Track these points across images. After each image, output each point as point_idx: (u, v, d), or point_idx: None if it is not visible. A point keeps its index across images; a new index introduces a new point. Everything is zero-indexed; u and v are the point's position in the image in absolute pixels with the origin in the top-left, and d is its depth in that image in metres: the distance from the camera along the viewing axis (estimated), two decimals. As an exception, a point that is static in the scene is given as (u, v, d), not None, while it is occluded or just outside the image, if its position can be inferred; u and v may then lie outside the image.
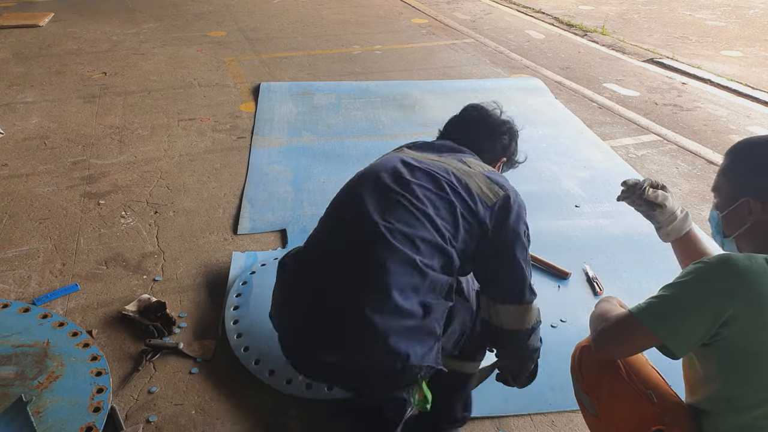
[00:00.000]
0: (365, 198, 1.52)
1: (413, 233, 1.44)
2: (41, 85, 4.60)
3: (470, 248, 1.53)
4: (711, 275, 1.19)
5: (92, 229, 2.81)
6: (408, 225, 1.45)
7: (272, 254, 2.64)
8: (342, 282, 1.44)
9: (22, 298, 2.34)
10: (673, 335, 1.21)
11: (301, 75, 4.98)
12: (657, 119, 4.30)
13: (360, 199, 1.53)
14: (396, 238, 1.42)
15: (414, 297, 1.40)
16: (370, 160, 3.47)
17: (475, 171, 1.61)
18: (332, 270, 1.48)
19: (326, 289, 1.46)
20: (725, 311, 1.15)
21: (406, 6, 7.64)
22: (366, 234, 1.45)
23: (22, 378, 1.90)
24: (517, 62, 5.53)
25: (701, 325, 1.18)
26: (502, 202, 1.55)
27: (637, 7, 8.03)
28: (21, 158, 3.46)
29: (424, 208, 1.48)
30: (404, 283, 1.39)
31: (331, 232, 1.58)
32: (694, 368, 1.30)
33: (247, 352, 2.08)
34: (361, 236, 1.46)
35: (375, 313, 1.35)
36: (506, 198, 1.56)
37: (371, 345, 1.36)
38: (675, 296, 1.23)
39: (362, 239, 1.45)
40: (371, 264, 1.41)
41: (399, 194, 1.50)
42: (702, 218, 3.04)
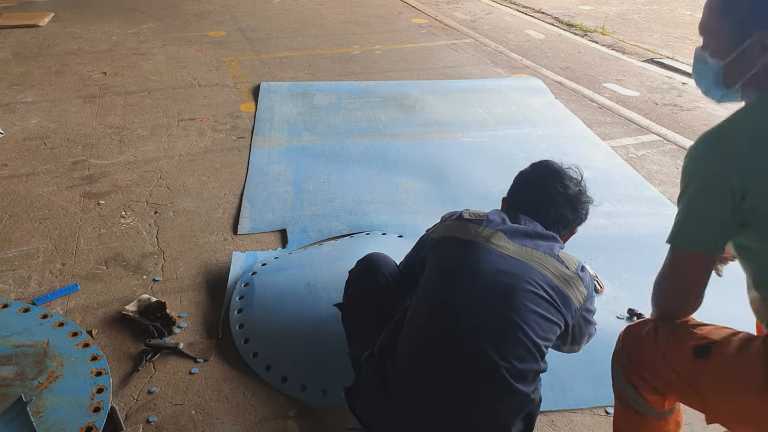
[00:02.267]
0: (477, 325, 1.46)
1: (527, 369, 1.46)
2: (41, 85, 4.60)
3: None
4: (699, 165, 1.20)
5: (92, 229, 2.81)
6: (524, 361, 1.45)
7: (272, 254, 2.64)
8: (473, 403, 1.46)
9: (22, 298, 2.34)
10: (707, 239, 1.19)
11: (301, 75, 4.98)
12: (657, 119, 4.30)
13: (472, 326, 1.47)
14: (514, 377, 1.44)
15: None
16: (369, 159, 3.52)
17: (572, 275, 1.56)
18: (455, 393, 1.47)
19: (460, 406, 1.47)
20: (732, 184, 1.14)
21: (406, 6, 7.64)
22: (486, 372, 1.44)
23: (22, 378, 1.90)
24: (517, 62, 5.53)
25: (725, 211, 1.16)
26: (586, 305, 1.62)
27: (637, 7, 8.03)
28: (21, 158, 3.46)
29: (536, 340, 1.46)
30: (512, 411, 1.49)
31: (439, 352, 1.49)
32: (750, 257, 1.26)
33: (257, 358, 2.07)
34: (479, 374, 1.45)
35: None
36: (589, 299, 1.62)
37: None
38: (686, 206, 1.22)
39: (481, 378, 1.45)
40: (495, 406, 1.46)
41: (515, 325, 1.45)
42: (702, 218, 3.04)
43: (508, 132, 3.95)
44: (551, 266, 1.55)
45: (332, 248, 2.62)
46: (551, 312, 1.50)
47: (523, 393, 1.46)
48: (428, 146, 3.71)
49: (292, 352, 2.06)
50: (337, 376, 1.94)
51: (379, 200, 3.09)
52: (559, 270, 1.55)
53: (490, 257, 1.53)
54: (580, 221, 1.77)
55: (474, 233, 1.60)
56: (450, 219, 1.74)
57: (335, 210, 2.99)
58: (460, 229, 1.64)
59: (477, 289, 1.50)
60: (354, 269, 1.97)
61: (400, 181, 3.29)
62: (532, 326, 1.46)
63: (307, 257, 2.55)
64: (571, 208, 1.72)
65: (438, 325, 1.51)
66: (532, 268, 1.52)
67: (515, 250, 1.56)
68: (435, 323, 1.52)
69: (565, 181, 1.72)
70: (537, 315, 1.47)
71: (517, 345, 1.45)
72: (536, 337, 1.46)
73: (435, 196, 3.16)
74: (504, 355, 1.43)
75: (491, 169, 3.43)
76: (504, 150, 3.68)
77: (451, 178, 3.33)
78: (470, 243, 1.58)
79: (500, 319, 1.46)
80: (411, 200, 3.11)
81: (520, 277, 1.50)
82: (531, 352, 1.46)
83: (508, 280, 1.49)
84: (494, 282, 1.50)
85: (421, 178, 3.33)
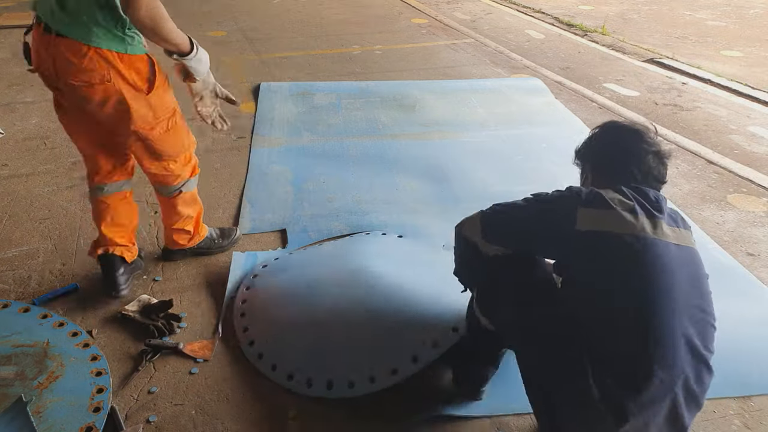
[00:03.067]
0: (685, 325, 1.44)
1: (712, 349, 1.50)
2: (41, 85, 4.57)
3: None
4: None
5: (92, 229, 2.80)
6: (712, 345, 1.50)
7: (272, 254, 2.64)
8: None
9: (22, 298, 2.34)
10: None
11: (301, 75, 4.98)
12: (657, 119, 4.30)
13: (680, 326, 1.43)
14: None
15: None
16: (369, 160, 3.52)
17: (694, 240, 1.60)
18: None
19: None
20: None
21: (406, 6, 7.64)
22: (700, 358, 1.45)
23: (22, 378, 1.90)
24: (517, 62, 5.53)
25: None
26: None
27: (637, 7, 8.03)
28: (21, 158, 3.46)
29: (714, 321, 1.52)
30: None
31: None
32: None
33: (262, 359, 2.07)
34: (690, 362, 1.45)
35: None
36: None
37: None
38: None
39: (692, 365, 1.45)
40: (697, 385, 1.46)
41: (708, 315, 1.50)
42: (702, 218, 3.04)
43: (508, 132, 3.95)
44: (693, 239, 1.57)
45: (332, 248, 2.62)
46: (709, 294, 1.54)
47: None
48: (428, 146, 3.71)
49: (296, 351, 2.06)
50: (341, 369, 1.96)
51: (379, 200, 3.09)
52: (695, 243, 1.57)
53: (670, 253, 1.46)
54: (666, 181, 1.70)
55: (637, 227, 1.45)
56: (590, 204, 1.50)
57: (335, 210, 2.99)
58: (618, 222, 1.46)
59: (676, 298, 1.43)
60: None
61: (400, 181, 3.29)
62: (713, 312, 1.52)
63: (308, 258, 2.55)
64: (664, 165, 1.66)
65: (654, 346, 1.40)
66: (694, 250, 1.53)
67: (674, 236, 1.49)
68: (648, 342, 1.40)
69: (649, 138, 1.66)
70: (711, 296, 1.53)
71: (712, 335, 1.49)
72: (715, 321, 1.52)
73: (435, 196, 3.16)
74: (708, 346, 1.47)
75: (491, 169, 3.43)
76: (504, 150, 3.68)
77: (451, 178, 3.33)
78: (644, 240, 1.44)
79: (704, 314, 1.48)
80: (411, 200, 3.11)
81: (698, 264, 1.53)
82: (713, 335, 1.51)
83: (695, 271, 1.51)
84: (687, 278, 1.48)
85: (421, 178, 3.33)
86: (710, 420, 1.90)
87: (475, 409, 1.89)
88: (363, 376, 1.92)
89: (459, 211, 3.01)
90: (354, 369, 1.95)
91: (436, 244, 2.71)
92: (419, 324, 2.02)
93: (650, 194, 1.54)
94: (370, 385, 1.90)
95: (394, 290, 2.18)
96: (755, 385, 2.02)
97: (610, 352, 1.42)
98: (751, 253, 2.78)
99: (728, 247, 2.80)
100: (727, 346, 2.14)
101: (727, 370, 2.04)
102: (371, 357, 1.96)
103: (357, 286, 2.23)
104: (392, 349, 1.97)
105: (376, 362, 1.95)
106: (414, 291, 2.18)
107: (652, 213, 1.49)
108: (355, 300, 2.16)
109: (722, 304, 2.35)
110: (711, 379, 1.47)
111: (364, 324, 2.06)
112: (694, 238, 1.57)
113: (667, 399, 1.40)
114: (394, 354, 1.95)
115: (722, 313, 2.30)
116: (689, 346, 1.41)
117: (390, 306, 2.11)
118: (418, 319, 2.04)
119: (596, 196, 1.51)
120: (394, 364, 1.92)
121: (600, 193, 1.52)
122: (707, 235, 2.88)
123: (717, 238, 2.87)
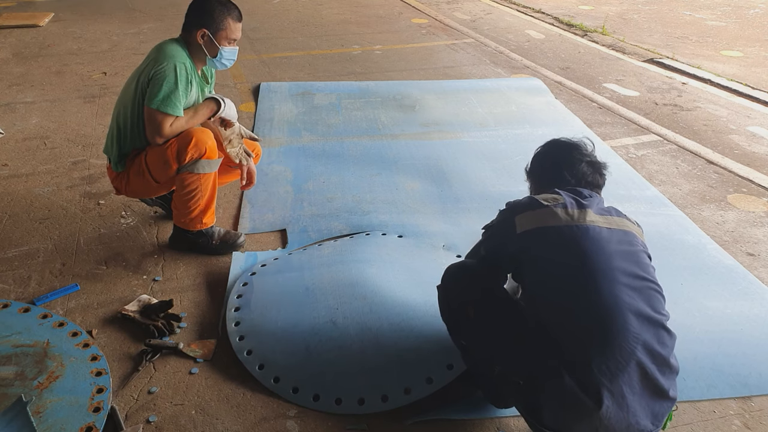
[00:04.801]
0: (628, 293, 1.55)
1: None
2: (41, 85, 4.60)
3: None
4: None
5: (92, 228, 2.81)
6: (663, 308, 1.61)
7: (272, 254, 2.64)
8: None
9: (22, 298, 2.34)
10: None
11: (301, 75, 4.98)
12: (657, 119, 4.30)
13: (628, 302, 1.54)
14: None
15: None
16: (369, 160, 3.52)
17: (638, 228, 1.76)
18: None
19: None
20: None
21: (406, 6, 7.64)
22: (654, 322, 1.55)
23: (22, 378, 1.90)
24: (517, 62, 5.53)
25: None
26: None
27: (637, 7, 8.03)
28: (21, 158, 3.46)
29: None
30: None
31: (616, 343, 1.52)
32: None
33: (251, 356, 2.06)
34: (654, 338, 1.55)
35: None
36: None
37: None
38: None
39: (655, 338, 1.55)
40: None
41: (650, 282, 1.61)
42: (702, 218, 3.04)
43: (507, 132, 3.95)
44: (633, 227, 1.70)
45: (332, 250, 2.61)
46: (648, 261, 1.67)
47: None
48: (428, 146, 3.71)
49: (287, 355, 2.05)
50: (331, 383, 1.95)
51: (379, 200, 3.09)
52: (637, 228, 1.72)
53: (602, 234, 1.61)
54: (603, 186, 1.88)
55: (569, 217, 1.63)
56: (526, 209, 1.70)
57: (335, 210, 2.99)
58: (551, 216, 1.64)
59: (612, 270, 1.56)
60: (450, 289, 1.85)
61: (400, 181, 3.29)
62: (655, 279, 1.64)
63: (307, 260, 2.54)
64: (600, 173, 1.85)
65: (603, 317, 1.52)
66: (628, 231, 1.66)
67: (604, 221, 1.65)
68: (597, 315, 1.52)
69: (584, 150, 1.87)
70: (653, 269, 1.66)
71: (659, 300, 1.60)
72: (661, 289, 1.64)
73: (435, 196, 3.15)
74: (659, 311, 1.57)
75: (491, 169, 3.43)
76: (504, 150, 3.68)
77: (451, 178, 3.33)
78: (576, 228, 1.61)
79: (643, 281, 1.58)
80: (411, 200, 3.11)
81: (632, 242, 1.64)
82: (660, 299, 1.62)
83: (628, 248, 1.62)
84: (620, 253, 1.60)
85: (421, 178, 3.33)
86: (710, 420, 1.90)
87: (475, 410, 1.89)
88: (352, 397, 1.91)
89: (459, 211, 3.05)
90: (342, 388, 1.93)
91: (435, 244, 2.71)
92: (412, 357, 2.00)
93: (584, 192, 1.73)
94: (358, 407, 1.89)
95: (393, 309, 2.17)
96: (755, 385, 2.02)
97: (569, 334, 1.54)
98: (751, 253, 2.77)
99: (728, 247, 2.80)
100: (727, 346, 2.16)
101: (727, 370, 2.05)
102: (362, 380, 1.95)
103: (354, 299, 2.22)
104: (383, 376, 1.96)
105: (365, 386, 1.93)
106: (413, 312, 2.16)
107: (581, 204, 1.67)
108: (351, 316, 2.15)
109: (722, 304, 2.38)
110: (674, 341, 1.57)
111: (358, 346, 2.04)
112: (631, 224, 1.72)
113: (631, 363, 1.48)
114: (385, 381, 1.94)
115: (722, 313, 2.32)
116: (637, 313, 1.52)
117: (386, 329, 2.09)
118: (412, 352, 2.02)
119: (531, 201, 1.72)
120: (385, 391, 1.92)
121: (534, 197, 1.73)
122: (707, 235, 2.88)
123: (717, 238, 2.87)
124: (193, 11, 2.42)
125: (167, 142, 2.35)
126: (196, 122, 2.44)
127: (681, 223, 2.95)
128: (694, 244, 2.78)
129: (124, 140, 2.45)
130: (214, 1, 2.41)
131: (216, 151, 2.42)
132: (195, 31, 2.40)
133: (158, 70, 2.29)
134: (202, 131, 2.38)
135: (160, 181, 2.45)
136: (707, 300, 2.41)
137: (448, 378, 1.93)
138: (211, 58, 2.45)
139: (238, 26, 2.45)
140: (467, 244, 1.98)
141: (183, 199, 2.47)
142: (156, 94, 2.27)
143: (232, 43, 2.46)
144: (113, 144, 2.48)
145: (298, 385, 1.95)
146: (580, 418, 1.49)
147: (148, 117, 2.31)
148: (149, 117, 2.31)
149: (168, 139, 2.34)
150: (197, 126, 2.44)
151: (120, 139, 2.45)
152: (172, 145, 2.35)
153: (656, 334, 1.53)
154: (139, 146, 2.46)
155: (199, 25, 2.39)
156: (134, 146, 2.46)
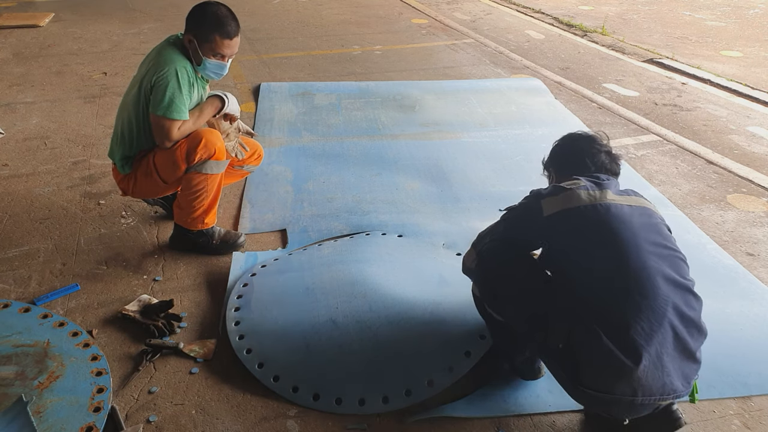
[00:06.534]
0: (655, 260, 1.65)
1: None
2: (41, 85, 4.61)
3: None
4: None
5: (92, 228, 2.81)
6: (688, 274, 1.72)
7: (272, 254, 2.64)
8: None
9: (22, 298, 2.34)
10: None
11: (301, 75, 4.98)
12: (657, 119, 4.31)
13: (656, 267, 1.64)
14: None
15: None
16: (369, 160, 3.52)
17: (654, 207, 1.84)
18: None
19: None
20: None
21: (406, 6, 7.64)
22: (681, 286, 1.66)
23: (22, 378, 1.90)
24: (517, 62, 5.53)
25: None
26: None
27: (637, 7, 8.04)
28: (21, 158, 3.46)
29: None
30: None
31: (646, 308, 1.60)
32: None
33: (250, 354, 2.07)
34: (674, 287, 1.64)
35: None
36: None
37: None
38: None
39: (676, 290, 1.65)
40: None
41: (674, 251, 1.71)
42: (702, 218, 3.04)
43: (507, 132, 3.95)
44: (650, 204, 1.81)
45: (332, 250, 2.62)
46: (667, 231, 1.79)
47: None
48: (428, 146, 3.71)
49: (287, 353, 2.06)
50: (331, 382, 1.95)
51: (379, 200, 3.09)
52: (654, 206, 1.82)
53: (623, 210, 1.71)
54: (619, 174, 1.97)
55: (591, 198, 1.72)
56: (551, 194, 1.78)
57: (335, 210, 2.99)
58: (576, 198, 1.73)
59: (638, 238, 1.66)
60: (487, 261, 1.88)
61: (400, 181, 3.29)
62: (677, 247, 1.74)
63: (307, 260, 2.54)
64: (616, 162, 1.95)
65: (635, 279, 1.60)
66: (646, 207, 1.77)
67: (624, 199, 1.75)
68: (629, 278, 1.60)
69: (602, 142, 1.98)
70: (674, 240, 1.77)
71: (684, 267, 1.70)
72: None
73: (435, 196, 3.16)
74: (685, 276, 1.68)
75: (491, 169, 3.43)
76: (504, 150, 3.68)
77: (451, 178, 3.33)
78: (600, 206, 1.71)
79: (668, 250, 1.69)
80: (411, 200, 3.11)
81: (652, 216, 1.75)
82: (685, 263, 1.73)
83: (649, 220, 1.73)
84: (643, 225, 1.70)
85: (421, 178, 3.33)
86: (710, 420, 1.90)
87: (475, 409, 1.89)
88: (352, 397, 1.91)
89: (459, 210, 3.05)
90: (342, 388, 1.93)
91: (435, 244, 2.71)
92: (413, 358, 2.01)
93: (602, 177, 1.83)
94: (358, 407, 1.89)
95: (392, 307, 2.17)
96: (755, 385, 2.02)
97: (603, 300, 1.61)
98: (751, 253, 2.78)
99: (728, 247, 2.80)
100: (727, 345, 2.16)
101: (727, 370, 2.05)
102: (363, 380, 1.95)
103: (354, 297, 2.23)
104: (384, 377, 1.96)
105: (366, 386, 1.94)
106: (413, 311, 2.16)
107: (601, 185, 1.77)
108: (351, 316, 2.15)
109: (722, 304, 2.38)
110: (701, 305, 1.67)
111: (358, 345, 2.05)
112: (648, 202, 1.82)
113: (664, 323, 1.56)
114: (386, 382, 1.95)
115: (722, 313, 2.32)
116: (665, 277, 1.61)
117: (386, 327, 2.10)
118: (413, 352, 2.03)
119: (554, 187, 1.82)
120: (385, 392, 1.92)
121: (558, 184, 1.83)
122: (707, 235, 2.88)
123: (717, 238, 2.87)
124: (190, 14, 2.40)
125: (176, 143, 2.36)
126: (202, 122, 2.45)
127: (681, 223, 2.96)
128: (693, 244, 2.78)
129: (130, 144, 2.45)
130: (210, 12, 2.36)
131: (224, 152, 2.43)
132: (186, 35, 2.40)
133: (160, 76, 2.29)
134: (210, 132, 2.39)
135: (168, 181, 2.46)
136: (707, 300, 2.39)
137: (450, 381, 1.94)
138: (196, 65, 2.42)
139: (226, 43, 2.37)
140: (467, 244, 1.98)
141: (188, 198, 2.48)
142: (161, 100, 2.27)
143: (220, 58, 2.40)
144: (119, 148, 2.48)
145: (297, 384, 1.95)
146: (619, 377, 1.55)
147: (155, 124, 2.32)
148: (156, 124, 2.31)
149: (177, 142, 2.36)
150: (204, 126, 2.45)
151: (125, 144, 2.45)
152: (181, 146, 2.35)
153: (684, 298, 1.62)
154: (146, 147, 2.46)
155: (189, 30, 2.39)
156: (141, 148, 2.47)
